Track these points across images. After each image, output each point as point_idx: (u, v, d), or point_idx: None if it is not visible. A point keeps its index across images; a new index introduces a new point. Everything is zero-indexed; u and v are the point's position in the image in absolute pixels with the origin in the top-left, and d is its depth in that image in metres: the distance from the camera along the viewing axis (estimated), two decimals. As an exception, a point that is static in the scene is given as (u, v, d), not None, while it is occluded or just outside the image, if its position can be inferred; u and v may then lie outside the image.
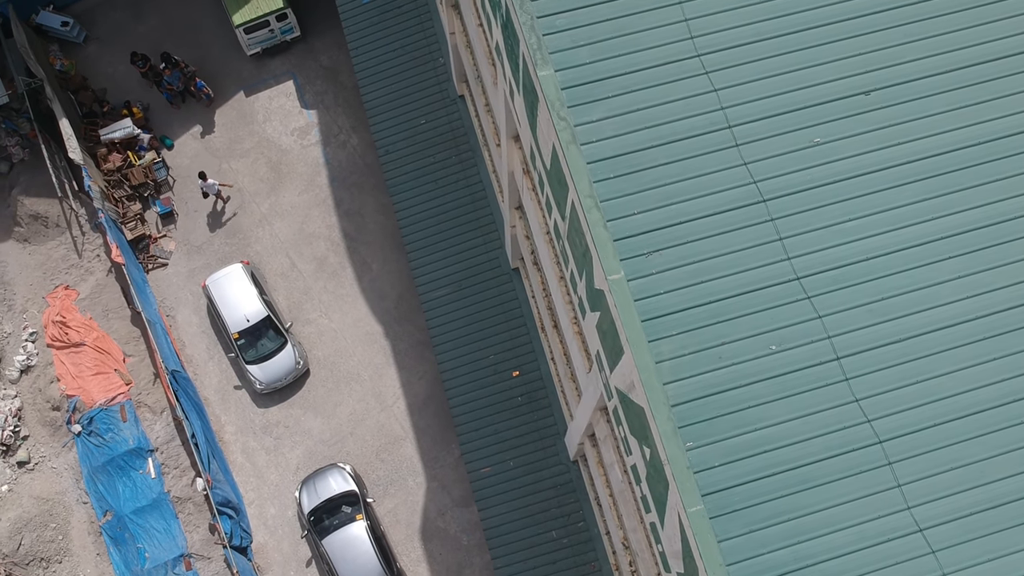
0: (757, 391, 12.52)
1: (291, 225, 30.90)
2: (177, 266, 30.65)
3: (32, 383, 29.70)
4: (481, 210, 26.11)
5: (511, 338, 25.25)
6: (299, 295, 30.28)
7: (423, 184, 26.64)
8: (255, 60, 32.48)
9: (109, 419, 28.46)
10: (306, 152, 31.62)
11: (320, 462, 28.70)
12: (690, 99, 13.69)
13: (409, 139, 26.99)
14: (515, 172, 18.60)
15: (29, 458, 28.82)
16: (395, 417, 29.10)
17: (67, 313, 29.56)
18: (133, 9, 33.23)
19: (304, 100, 32.17)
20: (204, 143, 31.82)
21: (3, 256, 30.93)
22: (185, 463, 28.77)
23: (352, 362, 29.66)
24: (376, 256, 30.53)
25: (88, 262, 30.75)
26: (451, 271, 26.01)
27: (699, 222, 13.06)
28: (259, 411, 29.31)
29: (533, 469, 24.46)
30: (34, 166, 31.35)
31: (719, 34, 14.02)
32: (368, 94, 27.50)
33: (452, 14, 22.64)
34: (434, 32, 27.37)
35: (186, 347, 29.82)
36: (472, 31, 19.26)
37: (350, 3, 28.11)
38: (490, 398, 25.07)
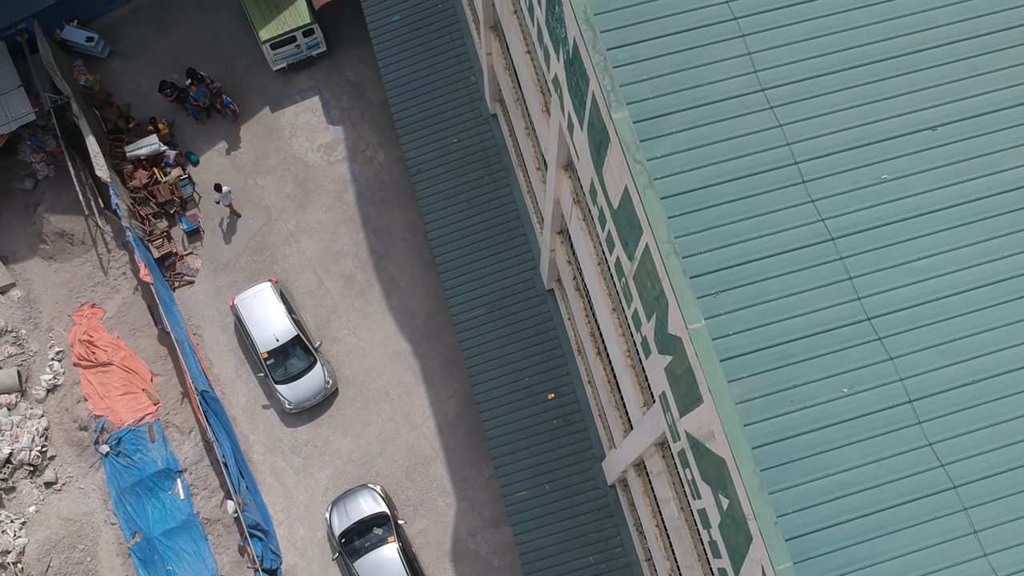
0: (829, 435, 12.31)
1: (318, 242, 30.69)
2: (204, 284, 30.44)
3: (59, 402, 29.50)
4: (514, 230, 25.89)
5: (546, 360, 25.04)
6: (327, 313, 30.07)
7: (455, 204, 26.43)
8: (280, 75, 32.27)
9: (137, 440, 28.26)
10: (333, 168, 31.41)
11: (350, 482, 28.49)
12: (755, 135, 13.49)
13: (441, 158, 26.78)
14: (562, 200, 18.39)
15: (56, 478, 28.61)
16: (425, 437, 28.89)
17: (94, 332, 29.35)
18: (157, 24, 33.02)
19: (330, 116, 31.96)
20: (230, 159, 31.61)
21: (28, 274, 30.73)
22: (214, 483, 28.56)
23: (381, 381, 29.45)
24: (404, 274, 30.32)
25: (114, 280, 30.54)
26: (484, 291, 25.79)
27: (767, 261, 12.84)
28: (288, 431, 29.10)
29: (569, 493, 24.24)
30: (59, 183, 31.16)
31: (783, 68, 13.81)
32: (399, 112, 27.28)
33: (491, 36, 22.42)
34: (465, 51, 27.16)
35: (213, 366, 29.61)
36: (517, 56, 19.04)
37: (380, 21, 27.90)
38: (525, 421, 24.86)
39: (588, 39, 12.06)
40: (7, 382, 28.80)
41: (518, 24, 18.23)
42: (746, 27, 13.97)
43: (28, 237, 30.91)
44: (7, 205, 31.17)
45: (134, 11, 33.20)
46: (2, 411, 28.57)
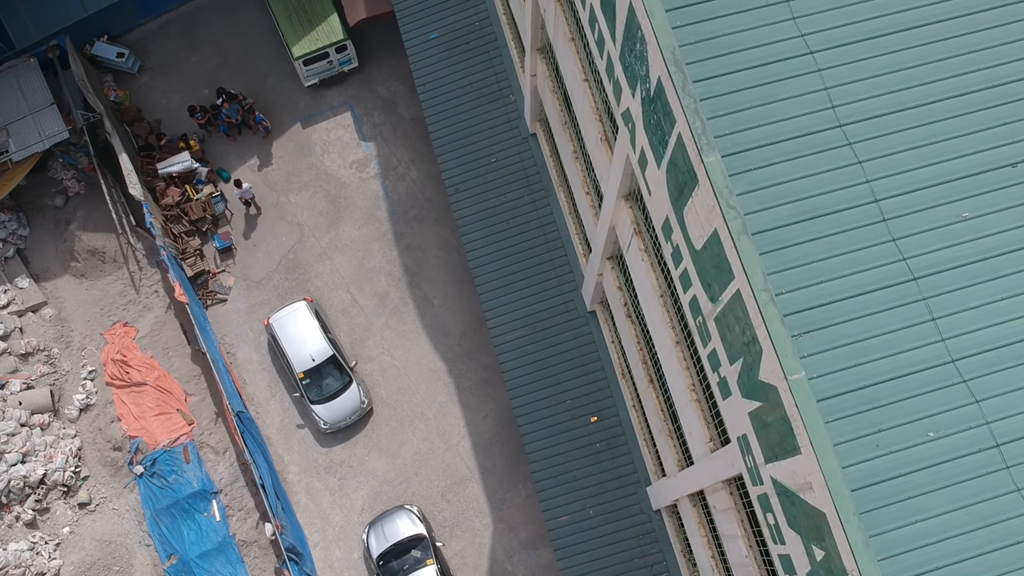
0: (917, 480, 12.12)
1: (351, 260, 30.49)
2: (236, 302, 30.24)
3: (91, 422, 29.31)
4: (555, 251, 25.67)
5: (588, 383, 24.82)
6: (361, 331, 29.86)
7: (494, 224, 26.21)
8: (312, 91, 32.08)
9: (172, 460, 28.06)
10: (365, 185, 31.21)
11: (385, 503, 28.29)
12: (834, 171, 13.29)
13: (479, 177, 26.56)
14: (619, 228, 18.17)
15: (90, 499, 28.42)
16: (460, 457, 28.68)
17: (128, 351, 29.15)
18: (186, 39, 32.83)
19: (362, 132, 31.76)
20: (262, 176, 31.42)
21: (60, 292, 30.53)
22: (249, 504, 28.36)
23: (416, 400, 29.25)
24: (438, 292, 30.11)
25: (146, 298, 30.35)
26: (524, 312, 25.56)
27: (849, 301, 12.65)
28: (322, 451, 28.90)
29: (613, 518, 24.02)
30: (90, 200, 30.98)
31: (861, 103, 13.61)
32: (436, 131, 27.06)
33: (538, 58, 22.21)
34: (503, 69, 26.94)
35: (247, 385, 29.41)
36: (572, 83, 18.82)
37: (417, 39, 27.67)
38: (567, 444, 24.63)
39: (677, 81, 11.84)
40: (40, 402, 28.61)
41: (575, 52, 18.02)
42: (822, 61, 13.77)
43: (59, 255, 30.71)
44: (38, 222, 30.98)
45: (163, 26, 33.02)
46: (35, 431, 28.37)
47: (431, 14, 27.88)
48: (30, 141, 28.73)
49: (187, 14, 33.02)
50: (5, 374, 28.85)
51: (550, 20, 19.24)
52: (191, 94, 32.22)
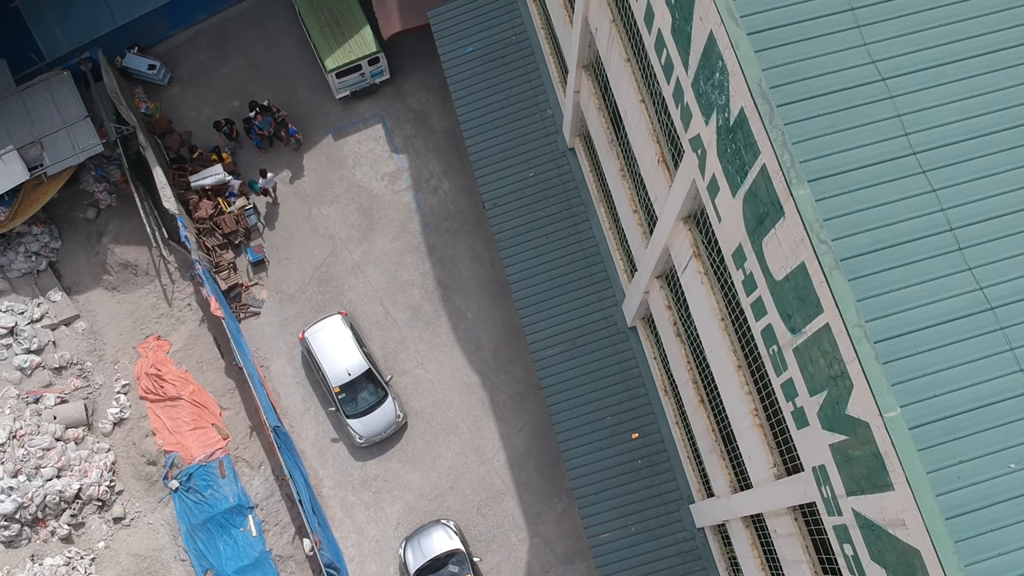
0: (998, 513, 12.02)
1: (384, 273, 30.43)
2: (270, 315, 30.19)
3: (125, 436, 29.25)
4: (594, 266, 25.61)
5: (629, 399, 24.75)
6: (394, 344, 29.81)
7: (532, 238, 26.13)
8: (343, 103, 32.02)
9: (208, 475, 28.00)
10: (397, 198, 31.15)
11: (421, 517, 28.24)
12: (909, 200, 13.19)
13: (517, 192, 26.48)
14: (675, 250, 18.10)
15: (125, 514, 28.37)
16: (495, 471, 28.62)
17: (162, 366, 29.09)
18: (216, 50, 32.77)
19: (393, 144, 31.70)
20: (293, 188, 31.36)
21: (92, 305, 30.49)
22: (285, 519, 28.30)
23: (450, 414, 29.19)
24: (471, 305, 30.05)
25: (179, 311, 30.29)
26: (564, 328, 25.48)
27: (927, 331, 12.55)
28: (357, 464, 28.84)
29: (656, 535, 23.96)
30: (121, 213, 30.92)
31: (934, 130, 13.52)
32: (473, 145, 26.99)
33: (583, 75, 22.14)
34: (540, 83, 26.87)
35: (281, 399, 29.36)
36: (625, 103, 18.74)
37: (453, 52, 27.60)
38: (608, 460, 24.56)
39: (764, 112, 11.78)
40: (75, 416, 28.56)
41: (631, 73, 17.95)
42: (895, 88, 13.68)
43: (91, 268, 30.65)
44: (70, 235, 30.93)
45: (192, 37, 32.96)
46: (70, 446, 28.31)
47: (467, 28, 27.81)
48: (64, 155, 28.66)
49: (217, 25, 32.95)
50: (39, 388, 28.81)
51: (602, 40, 19.17)
52: (221, 106, 32.17)
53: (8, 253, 29.80)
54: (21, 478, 27.37)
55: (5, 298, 29.46)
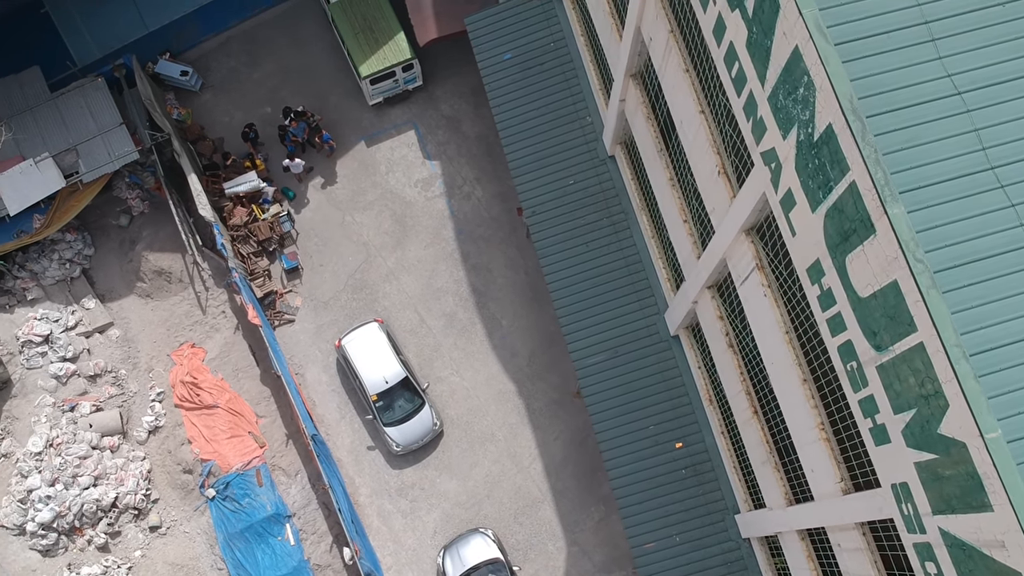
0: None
1: (418, 280, 30.32)
2: (304, 322, 30.08)
3: (160, 444, 29.15)
4: (636, 274, 25.48)
5: (672, 407, 24.63)
6: (429, 352, 29.70)
7: (573, 247, 26.01)
8: (375, 109, 31.90)
9: (245, 484, 27.90)
10: (430, 204, 31.05)
11: (458, 526, 28.14)
12: (987, 215, 13.04)
13: (556, 200, 26.36)
14: (734, 261, 17.97)
15: (161, 522, 28.27)
16: (532, 479, 28.52)
17: (198, 374, 28.98)
18: (248, 56, 32.67)
19: (426, 150, 31.59)
20: (326, 194, 31.26)
21: (125, 312, 30.38)
22: (322, 528, 28.20)
23: (486, 421, 29.09)
24: (506, 312, 29.95)
25: (213, 319, 30.19)
26: (605, 336, 25.36)
27: (1009, 348, 12.41)
28: (393, 473, 28.74)
29: (700, 545, 23.84)
30: (155, 219, 30.82)
31: (1011, 145, 13.39)
32: (512, 153, 26.87)
33: (631, 83, 22.02)
34: (580, 90, 26.75)
35: (316, 406, 29.25)
36: (683, 113, 18.62)
37: (491, 60, 27.48)
38: (651, 470, 24.44)
39: (856, 130, 11.67)
40: (110, 424, 28.47)
41: (691, 83, 17.83)
42: (971, 102, 13.54)
43: (124, 275, 30.54)
44: (102, 242, 30.83)
45: (224, 43, 32.85)
46: (106, 454, 28.23)
47: (504, 35, 27.68)
48: (100, 162, 28.56)
49: (248, 31, 32.84)
50: (74, 396, 28.71)
51: (658, 50, 19.05)
52: (253, 112, 32.07)
53: (42, 260, 29.71)
54: (58, 487, 27.29)
55: (40, 305, 29.36)
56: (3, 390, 28.53)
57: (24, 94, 29.25)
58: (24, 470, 27.43)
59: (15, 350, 28.84)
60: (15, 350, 28.84)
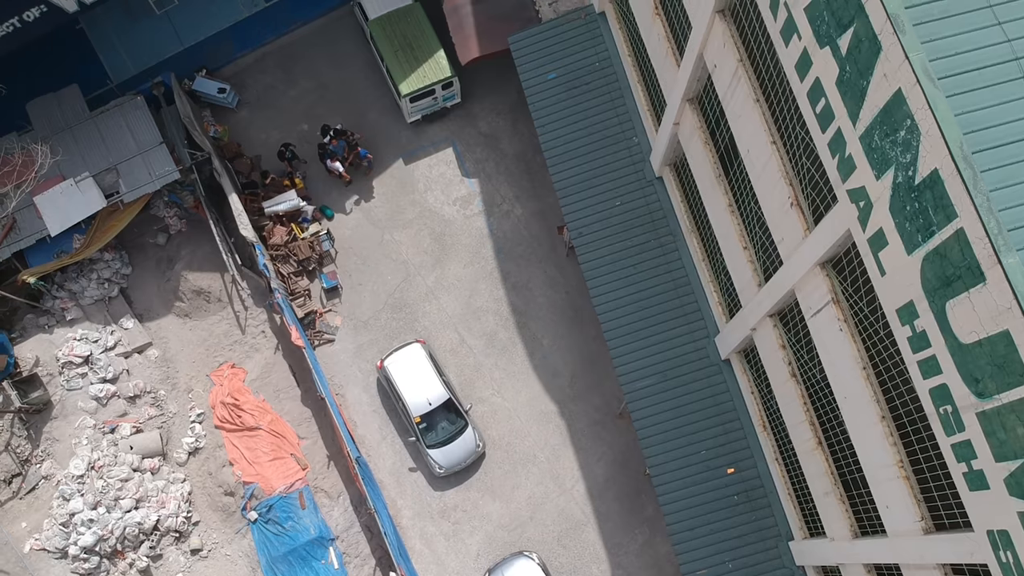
0: None
1: (458, 299, 30.12)
2: (344, 342, 29.87)
3: (200, 466, 28.95)
4: (684, 297, 25.28)
5: (724, 432, 24.44)
6: (470, 372, 29.49)
7: (620, 268, 25.82)
8: (413, 126, 31.69)
9: (288, 507, 27.69)
10: (469, 223, 30.84)
11: (501, 548, 27.93)
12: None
13: (603, 221, 26.17)
14: (805, 293, 17.76)
15: (202, 545, 28.05)
16: (575, 501, 28.31)
17: (239, 395, 28.77)
18: (284, 73, 32.47)
19: (465, 168, 31.39)
20: (365, 212, 31.06)
21: (163, 332, 30.18)
22: (365, 551, 28.00)
23: (528, 443, 28.88)
24: (547, 331, 29.74)
25: (252, 339, 29.99)
26: (655, 360, 25.17)
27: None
28: (435, 494, 28.52)
29: (753, 572, 23.65)
30: (192, 238, 30.62)
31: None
32: (558, 173, 26.68)
33: (687, 107, 21.82)
34: (626, 111, 26.55)
35: (358, 427, 29.04)
36: (751, 143, 18.41)
37: (535, 79, 27.30)
38: (703, 496, 24.25)
39: (968, 177, 11.47)
40: (151, 446, 28.28)
41: (761, 114, 17.63)
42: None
43: (162, 294, 30.34)
44: (140, 260, 30.63)
45: (259, 59, 32.65)
46: (147, 476, 28.03)
47: (548, 54, 27.51)
48: (141, 182, 28.38)
49: (284, 47, 32.65)
50: (115, 418, 28.52)
51: (723, 78, 18.85)
52: (290, 129, 31.87)
53: (81, 280, 29.52)
54: (101, 510, 27.09)
55: (79, 326, 29.16)
56: (43, 412, 28.34)
57: (63, 113, 29.05)
58: (66, 493, 27.24)
59: (55, 371, 28.65)
60: (55, 371, 28.65)
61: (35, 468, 27.99)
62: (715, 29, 18.60)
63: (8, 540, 27.37)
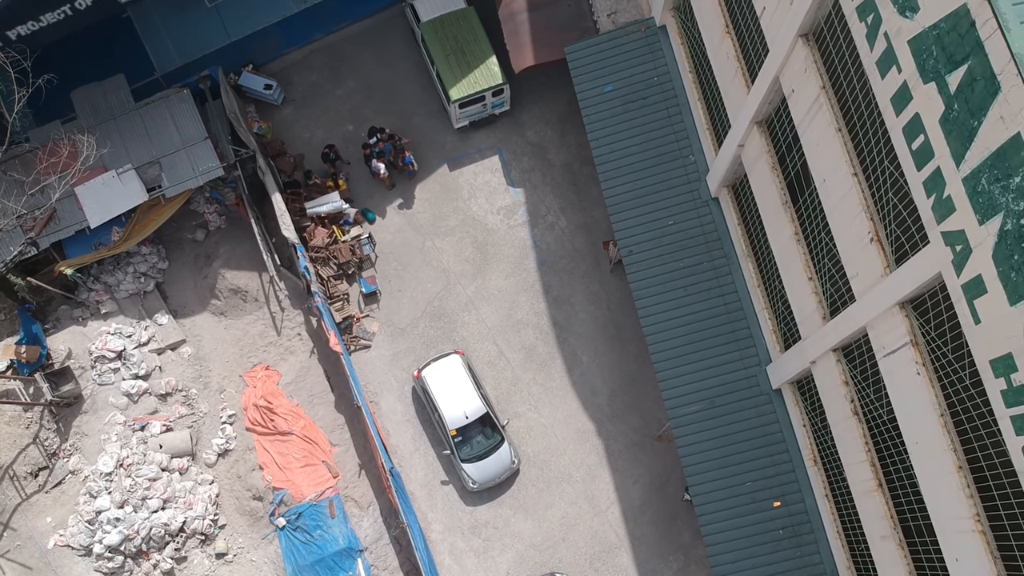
0: None
1: (498, 310, 29.53)
2: (380, 349, 29.32)
3: (229, 468, 28.44)
4: (736, 322, 24.63)
5: (771, 464, 23.79)
6: (507, 386, 28.90)
7: (671, 290, 25.21)
8: (459, 132, 31.13)
9: (318, 515, 27.15)
10: (513, 233, 30.25)
11: (532, 568, 27.32)
12: None
13: (655, 240, 25.55)
14: (878, 332, 17.08)
15: (227, 549, 27.55)
16: (609, 523, 27.68)
17: (273, 398, 28.24)
18: (331, 71, 31.94)
19: (510, 177, 30.80)
20: (407, 218, 30.50)
21: (198, 330, 29.69)
22: (393, 564, 27.44)
23: (563, 461, 28.27)
24: (587, 348, 29.12)
25: (288, 340, 29.47)
26: (702, 386, 24.56)
27: None
28: (467, 509, 27.95)
29: (796, 610, 22.99)
30: (232, 236, 30.11)
31: None
32: (610, 188, 26.08)
33: (756, 130, 21.15)
34: (683, 128, 25.90)
35: (391, 436, 28.49)
36: (829, 174, 17.75)
37: (591, 91, 26.70)
38: (747, 528, 23.62)
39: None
40: (180, 446, 27.79)
41: (842, 144, 16.97)
42: None
43: (199, 291, 29.85)
44: (177, 256, 30.15)
45: (307, 56, 32.14)
46: (175, 476, 27.54)
47: (605, 66, 26.92)
48: (184, 177, 27.89)
49: (333, 45, 32.13)
50: (145, 415, 28.05)
51: (802, 104, 18.18)
52: (335, 129, 31.35)
53: (117, 273, 29.07)
54: (128, 509, 26.62)
55: (113, 319, 28.71)
56: (73, 405, 27.88)
57: (108, 103, 28.58)
58: (94, 490, 26.77)
59: (87, 365, 28.19)
60: (87, 365, 28.19)
61: (62, 462, 27.53)
62: (796, 53, 17.94)
63: (32, 535, 26.92)
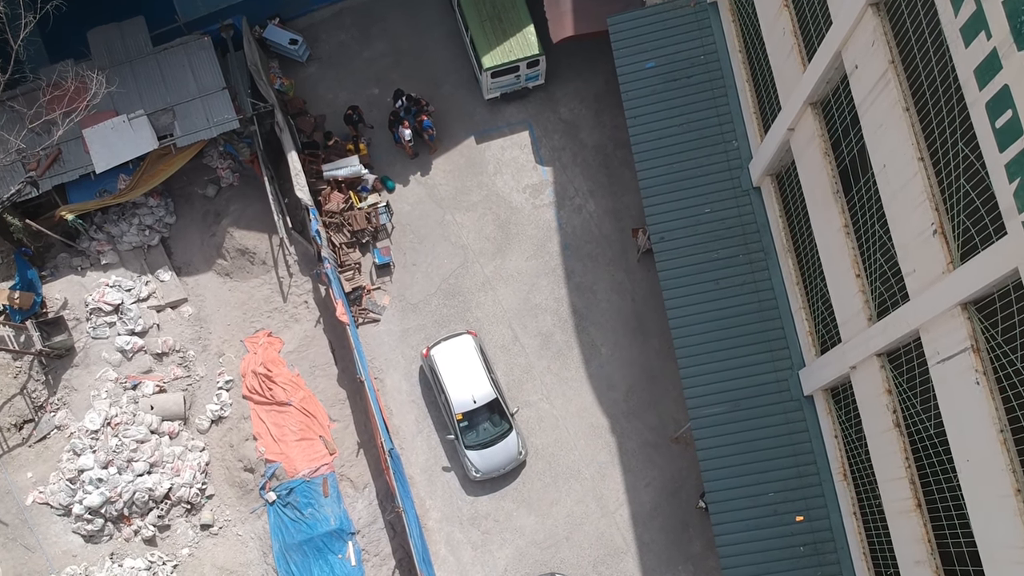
0: None
1: (516, 293, 28.01)
2: (389, 324, 27.87)
3: (222, 436, 27.07)
4: (770, 321, 23.00)
5: (796, 476, 22.15)
6: (520, 372, 27.38)
7: (701, 282, 23.60)
8: (489, 104, 29.62)
9: (310, 492, 25.74)
10: (537, 213, 28.72)
11: (531, 566, 25.81)
12: None
13: (689, 228, 23.95)
14: (931, 336, 15.44)
15: (213, 521, 26.18)
16: (617, 526, 26.12)
17: (273, 366, 26.85)
18: (360, 31, 30.52)
19: (539, 155, 29.26)
20: (428, 189, 29.03)
21: (201, 289, 28.33)
22: (386, 550, 26.00)
23: (573, 456, 26.74)
24: (607, 339, 27.56)
25: (294, 308, 28.06)
26: (728, 387, 22.94)
27: None
28: (468, 499, 26.47)
29: (813, 634, 21.36)
30: (244, 194, 28.75)
31: None
32: (645, 171, 24.50)
33: (809, 112, 19.52)
34: (728, 111, 24.29)
35: (393, 416, 27.04)
36: (890, 158, 16.12)
37: (632, 67, 25.12)
38: (766, 542, 22.00)
39: None
40: (173, 408, 26.45)
41: (910, 124, 15.33)
42: None
43: (205, 249, 28.50)
44: (185, 211, 28.83)
45: (337, 14, 30.74)
46: (164, 440, 26.20)
47: (649, 40, 25.32)
48: (197, 127, 26.54)
49: (364, 4, 30.71)
50: (138, 374, 26.71)
51: (865, 81, 16.56)
52: (360, 92, 29.94)
53: (121, 224, 27.77)
54: (112, 470, 25.31)
55: (113, 271, 27.40)
56: (65, 358, 26.58)
57: (125, 45, 27.25)
58: (78, 448, 25.48)
59: (82, 316, 26.88)
60: (82, 316, 26.88)
61: (48, 416, 26.26)
62: (864, 24, 16.31)
63: (11, 489, 25.66)
